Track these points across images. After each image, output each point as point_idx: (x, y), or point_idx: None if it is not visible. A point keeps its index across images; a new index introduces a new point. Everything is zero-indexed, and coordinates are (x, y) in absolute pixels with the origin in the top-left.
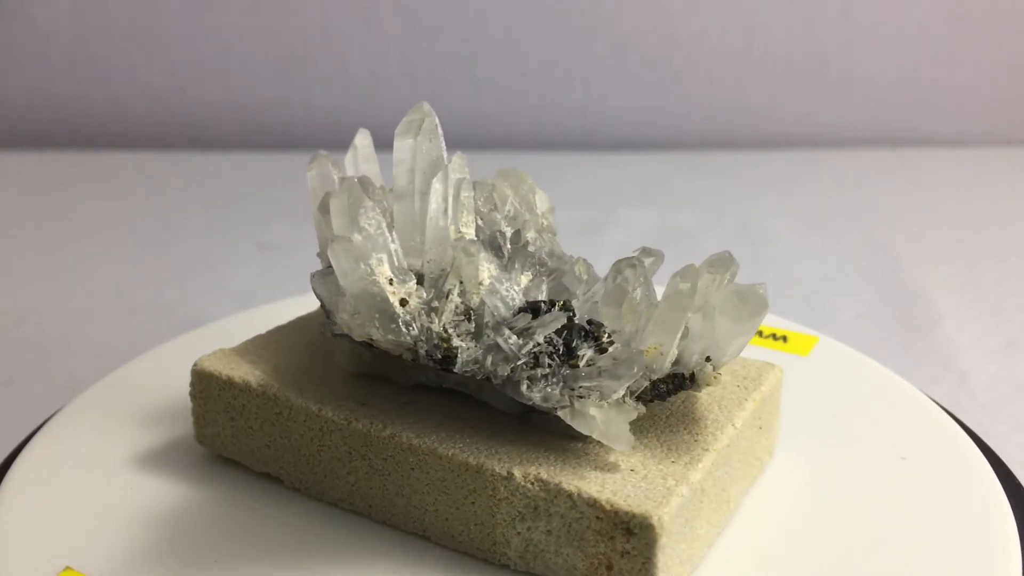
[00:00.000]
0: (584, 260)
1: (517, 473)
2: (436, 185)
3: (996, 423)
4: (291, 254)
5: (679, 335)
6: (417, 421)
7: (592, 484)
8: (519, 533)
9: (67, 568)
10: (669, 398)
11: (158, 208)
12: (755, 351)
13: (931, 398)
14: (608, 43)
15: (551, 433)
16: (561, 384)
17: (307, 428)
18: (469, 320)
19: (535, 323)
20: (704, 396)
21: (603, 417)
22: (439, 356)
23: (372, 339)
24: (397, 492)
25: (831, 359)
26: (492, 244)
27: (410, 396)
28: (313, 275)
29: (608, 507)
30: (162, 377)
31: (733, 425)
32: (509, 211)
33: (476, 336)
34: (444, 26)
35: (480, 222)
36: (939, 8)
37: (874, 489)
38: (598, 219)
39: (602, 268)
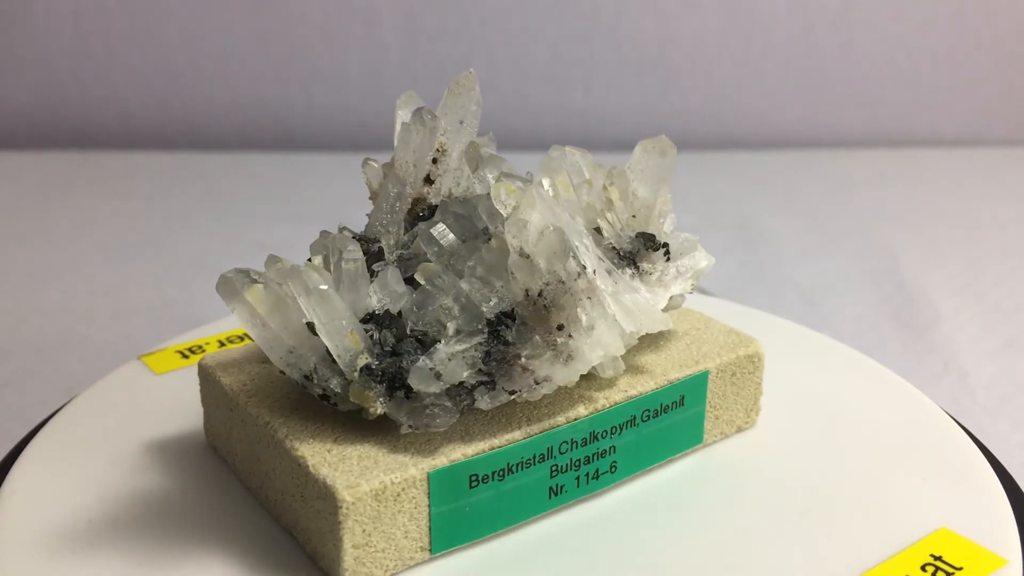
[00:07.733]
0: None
1: None
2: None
3: (996, 423)
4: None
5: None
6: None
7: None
8: None
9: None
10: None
11: (158, 208)
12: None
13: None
14: (608, 43)
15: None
16: None
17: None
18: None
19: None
20: None
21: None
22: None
23: None
24: None
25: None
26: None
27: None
28: None
29: None
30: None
31: None
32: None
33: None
34: (444, 26)
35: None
36: (939, 8)
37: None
38: None
39: None
